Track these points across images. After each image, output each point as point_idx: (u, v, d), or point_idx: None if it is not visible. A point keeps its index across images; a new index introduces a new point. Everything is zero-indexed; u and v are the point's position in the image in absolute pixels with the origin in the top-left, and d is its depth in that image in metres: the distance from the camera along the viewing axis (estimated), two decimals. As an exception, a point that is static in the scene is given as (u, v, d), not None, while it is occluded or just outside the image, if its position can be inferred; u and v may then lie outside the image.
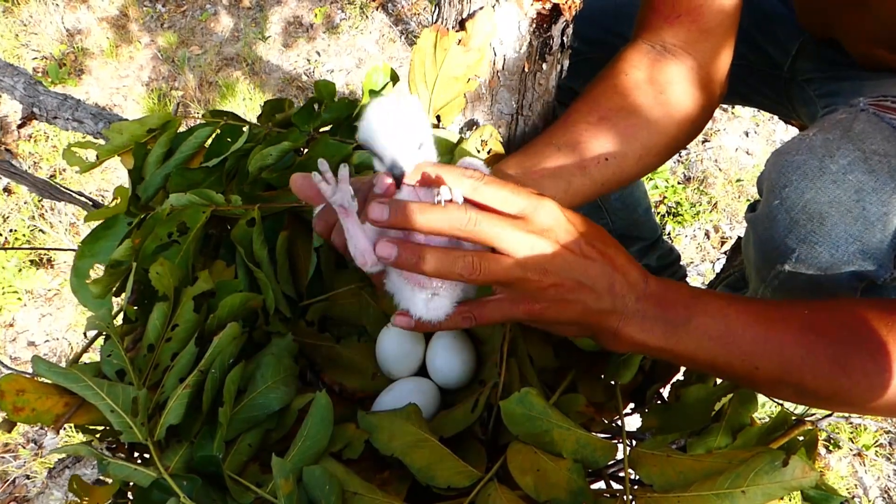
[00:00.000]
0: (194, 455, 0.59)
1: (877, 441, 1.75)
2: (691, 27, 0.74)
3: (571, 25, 0.78)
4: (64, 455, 0.62)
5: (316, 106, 0.84)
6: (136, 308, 0.70)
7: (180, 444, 0.60)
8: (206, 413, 0.60)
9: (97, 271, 0.73)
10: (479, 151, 0.78)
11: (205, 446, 0.59)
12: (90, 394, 0.60)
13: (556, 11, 0.75)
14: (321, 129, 0.85)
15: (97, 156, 0.82)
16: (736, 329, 0.58)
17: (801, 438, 0.65)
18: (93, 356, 0.77)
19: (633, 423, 0.79)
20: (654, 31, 0.76)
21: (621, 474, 0.65)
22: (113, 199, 0.78)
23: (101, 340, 0.71)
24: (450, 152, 0.79)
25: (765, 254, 0.83)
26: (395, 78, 0.85)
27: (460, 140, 0.80)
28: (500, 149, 0.79)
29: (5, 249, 2.22)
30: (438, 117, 0.81)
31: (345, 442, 0.61)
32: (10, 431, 0.62)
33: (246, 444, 0.62)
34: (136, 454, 0.64)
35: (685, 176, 2.22)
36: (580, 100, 0.75)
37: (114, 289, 0.71)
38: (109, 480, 0.59)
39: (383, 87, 0.84)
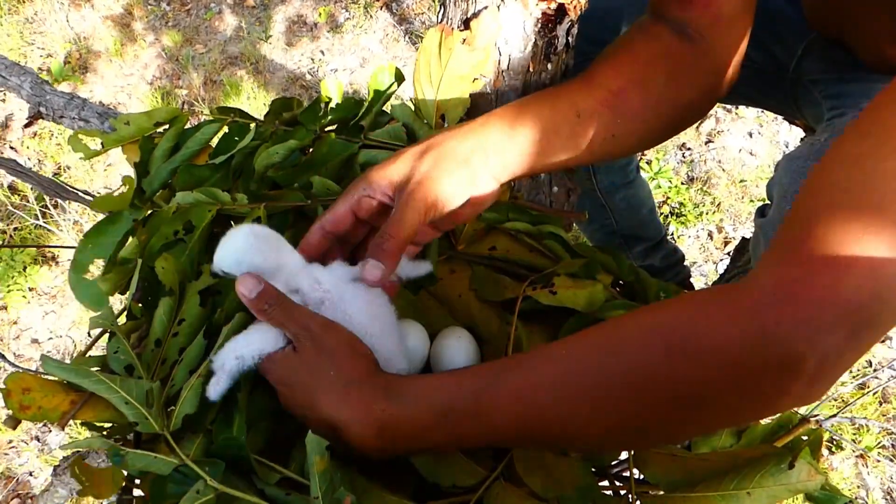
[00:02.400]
0: (214, 440, 0.59)
1: (879, 442, 1.75)
2: (703, 11, 0.72)
3: (576, 25, 0.78)
4: (70, 451, 0.62)
5: (322, 105, 0.85)
6: (140, 305, 0.70)
7: (195, 434, 0.60)
8: (221, 402, 0.60)
9: (98, 267, 0.73)
10: None
11: (223, 432, 0.59)
12: (103, 388, 0.59)
13: (561, 11, 0.75)
14: (327, 129, 0.86)
15: (102, 144, 0.82)
16: (490, 423, 0.55)
17: (805, 438, 0.65)
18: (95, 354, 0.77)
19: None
20: (669, 13, 0.75)
21: (626, 474, 0.65)
22: (119, 188, 0.78)
23: (105, 338, 0.71)
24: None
25: None
26: (400, 78, 0.85)
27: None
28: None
29: (10, 247, 2.22)
30: (443, 116, 0.82)
31: None
32: (14, 428, 0.62)
33: (260, 432, 0.62)
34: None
35: (689, 176, 2.22)
36: (606, 62, 0.73)
37: (119, 287, 0.72)
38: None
39: (389, 87, 0.84)
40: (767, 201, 0.92)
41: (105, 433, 0.62)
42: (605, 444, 0.57)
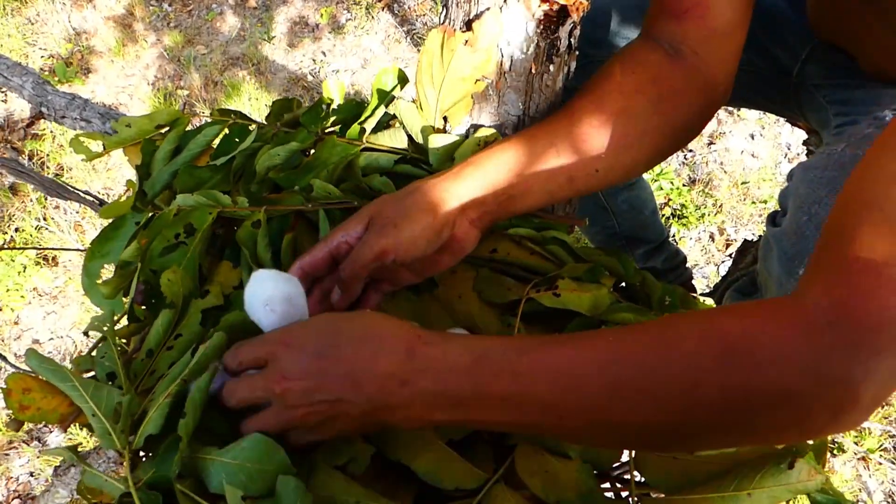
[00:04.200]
0: (157, 468, 0.57)
1: (881, 445, 1.75)
2: (699, 23, 0.72)
3: (579, 27, 0.78)
4: (57, 460, 0.62)
5: (324, 106, 0.85)
6: (143, 308, 0.70)
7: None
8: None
9: (108, 271, 0.73)
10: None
11: (168, 458, 0.56)
12: (75, 394, 0.59)
13: (563, 13, 0.75)
14: (328, 130, 0.86)
15: (104, 145, 0.82)
16: (526, 384, 0.53)
17: (809, 442, 0.65)
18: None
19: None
20: (663, 28, 0.75)
21: (627, 476, 0.65)
22: (124, 193, 0.78)
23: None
24: (450, 156, 0.79)
25: (791, 269, 0.83)
26: (404, 79, 0.85)
27: (460, 142, 0.80)
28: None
29: (11, 249, 2.22)
30: (446, 118, 0.82)
31: (350, 456, 0.60)
32: (18, 430, 0.62)
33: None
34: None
35: (690, 178, 2.21)
36: (587, 94, 0.73)
37: (123, 289, 0.71)
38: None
39: (392, 89, 0.84)
40: (767, 202, 0.92)
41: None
42: (644, 438, 0.55)
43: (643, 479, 0.62)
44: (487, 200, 0.69)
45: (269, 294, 0.61)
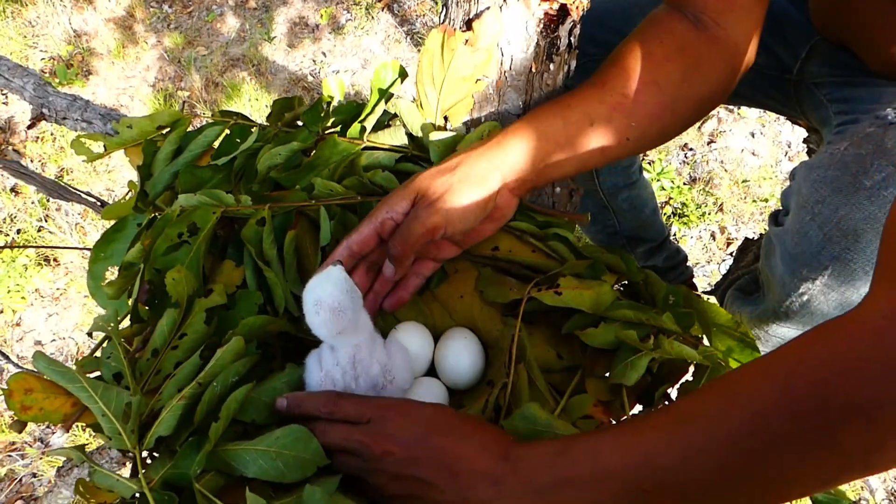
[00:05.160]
0: (175, 466, 0.57)
1: (883, 443, 1.75)
2: None
3: (579, 26, 0.78)
4: (61, 460, 0.62)
5: (324, 105, 0.85)
6: (147, 308, 0.70)
7: (173, 455, 0.59)
8: (197, 425, 0.59)
9: (112, 273, 0.74)
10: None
11: (188, 457, 0.57)
12: (84, 395, 0.59)
13: (563, 12, 0.75)
14: (329, 130, 0.86)
15: (105, 146, 0.83)
16: (604, 462, 0.53)
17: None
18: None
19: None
20: (684, 2, 0.75)
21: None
22: (126, 194, 0.78)
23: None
24: (451, 152, 0.79)
25: (794, 269, 0.82)
26: (403, 74, 0.85)
27: (461, 137, 0.80)
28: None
29: (12, 248, 2.23)
30: (446, 118, 0.82)
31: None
32: (20, 431, 0.62)
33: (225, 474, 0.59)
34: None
35: (691, 177, 2.21)
36: (617, 63, 0.73)
37: (128, 290, 0.72)
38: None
39: (392, 84, 0.84)
40: (768, 200, 0.92)
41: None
42: (732, 498, 0.50)
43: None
44: (527, 169, 0.69)
45: (319, 296, 0.62)
